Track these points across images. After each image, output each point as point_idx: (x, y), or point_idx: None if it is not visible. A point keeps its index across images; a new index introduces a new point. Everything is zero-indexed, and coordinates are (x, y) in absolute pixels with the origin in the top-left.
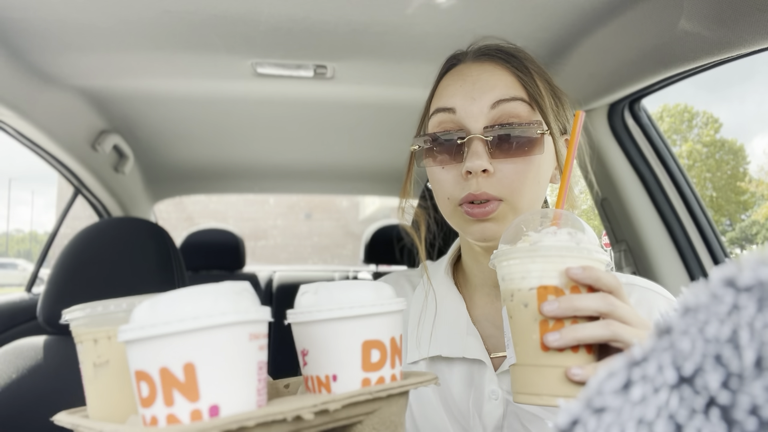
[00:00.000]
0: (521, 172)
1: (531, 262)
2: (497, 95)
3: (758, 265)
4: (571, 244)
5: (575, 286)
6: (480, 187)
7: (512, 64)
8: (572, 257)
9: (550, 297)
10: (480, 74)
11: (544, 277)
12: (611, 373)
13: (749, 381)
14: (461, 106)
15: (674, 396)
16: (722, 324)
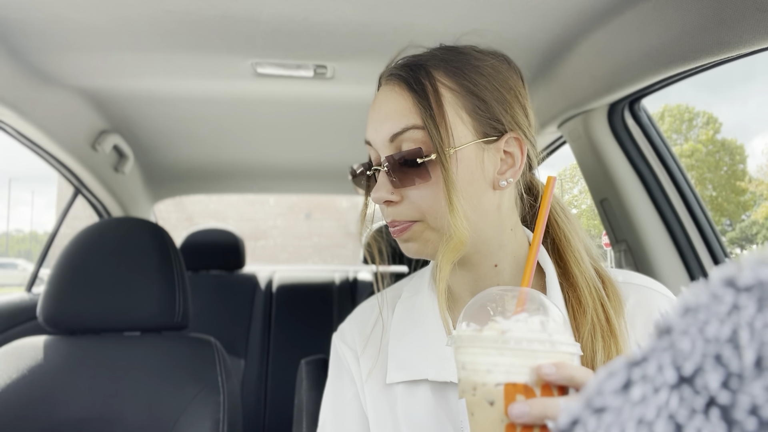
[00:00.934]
0: (426, 196)
1: (499, 354)
2: (391, 128)
3: (758, 265)
4: (544, 337)
5: (546, 384)
6: (389, 215)
7: (410, 81)
8: (544, 352)
9: (519, 397)
10: (382, 102)
11: (513, 373)
12: (611, 373)
13: (749, 381)
14: (372, 139)
15: (674, 396)
16: (722, 324)
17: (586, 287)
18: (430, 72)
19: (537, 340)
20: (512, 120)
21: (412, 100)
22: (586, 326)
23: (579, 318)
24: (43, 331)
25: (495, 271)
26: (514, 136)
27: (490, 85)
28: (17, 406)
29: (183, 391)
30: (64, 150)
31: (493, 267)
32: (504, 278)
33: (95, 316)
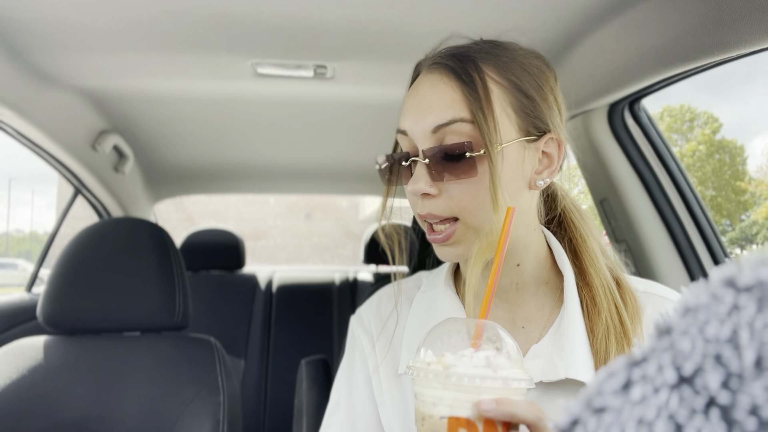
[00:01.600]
0: (467, 191)
1: (443, 388)
2: (436, 119)
3: (758, 265)
4: (487, 372)
5: (489, 420)
6: (425, 208)
7: (460, 73)
8: (486, 388)
9: (461, 430)
10: (426, 90)
11: (456, 408)
12: (611, 373)
13: (749, 381)
14: (410, 129)
15: (674, 396)
16: (722, 324)
17: (600, 287)
18: (478, 65)
19: (479, 377)
20: (552, 120)
21: (461, 91)
22: (601, 327)
23: (593, 318)
24: (43, 331)
25: (517, 271)
26: (554, 137)
27: (535, 83)
28: (17, 406)
29: (183, 392)
30: (64, 150)
31: (516, 266)
32: (524, 278)
33: (95, 316)
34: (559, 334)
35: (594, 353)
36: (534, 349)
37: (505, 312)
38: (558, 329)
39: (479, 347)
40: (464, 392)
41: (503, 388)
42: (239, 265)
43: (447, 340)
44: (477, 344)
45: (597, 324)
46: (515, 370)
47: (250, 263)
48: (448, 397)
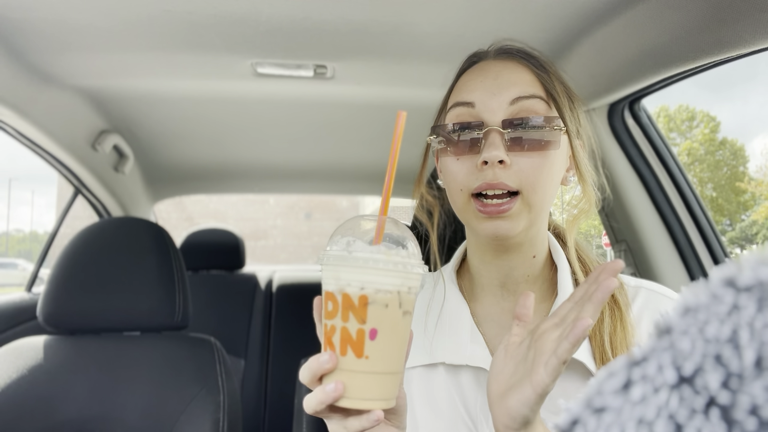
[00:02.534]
0: (537, 166)
1: (322, 269)
2: (517, 92)
3: (758, 265)
4: (343, 254)
5: (346, 294)
6: (497, 177)
7: (532, 63)
8: (344, 266)
9: (328, 303)
10: (501, 71)
11: (328, 284)
12: (611, 373)
13: (749, 381)
14: (481, 101)
15: (674, 396)
16: (722, 324)
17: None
18: (542, 62)
19: (336, 257)
20: (580, 128)
21: (536, 77)
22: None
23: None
24: (43, 331)
25: (532, 262)
26: (581, 142)
27: (575, 93)
28: (17, 406)
29: (183, 391)
30: (64, 150)
31: (532, 258)
32: (534, 270)
33: (95, 316)
34: None
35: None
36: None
37: (511, 304)
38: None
39: (379, 243)
40: (328, 270)
41: (353, 265)
42: (239, 265)
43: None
44: (377, 241)
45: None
46: (366, 252)
47: (250, 263)
48: (324, 276)
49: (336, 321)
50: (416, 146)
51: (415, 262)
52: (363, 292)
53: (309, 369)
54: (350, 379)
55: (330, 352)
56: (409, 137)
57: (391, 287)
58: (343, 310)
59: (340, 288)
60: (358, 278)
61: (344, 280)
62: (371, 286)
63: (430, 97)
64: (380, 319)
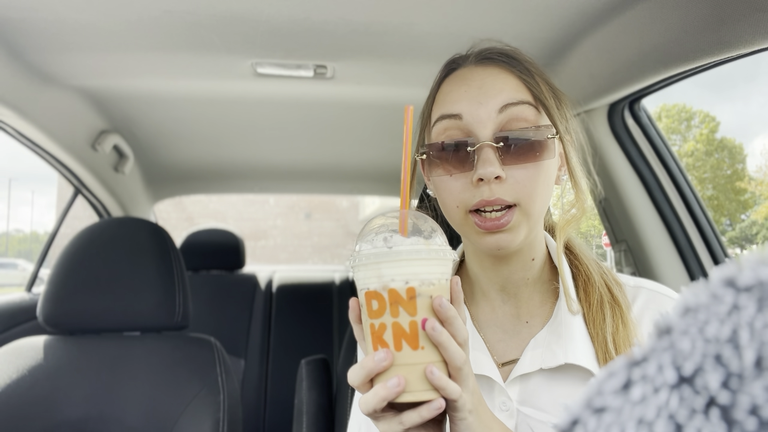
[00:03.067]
0: (533, 176)
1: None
2: (504, 99)
3: (758, 265)
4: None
5: (392, 290)
6: (493, 193)
7: (515, 67)
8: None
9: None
10: (484, 78)
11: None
12: (611, 373)
13: (749, 381)
14: (468, 112)
15: (674, 396)
16: (722, 324)
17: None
18: (525, 63)
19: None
20: (569, 126)
21: (521, 82)
22: (594, 296)
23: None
24: (43, 331)
25: (530, 265)
26: (568, 140)
27: (560, 91)
28: (17, 406)
29: (183, 391)
30: (64, 150)
31: (531, 261)
32: (533, 273)
33: (95, 316)
34: (557, 323)
35: (590, 323)
36: (534, 340)
37: (512, 308)
38: (555, 319)
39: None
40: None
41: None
42: (239, 265)
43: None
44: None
45: (592, 295)
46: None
47: (250, 263)
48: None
49: (385, 318)
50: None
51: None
52: (409, 284)
53: (364, 369)
54: (409, 372)
55: (385, 350)
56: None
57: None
58: (392, 306)
59: (384, 285)
60: (402, 272)
61: (388, 275)
62: (416, 277)
63: None
64: (429, 308)
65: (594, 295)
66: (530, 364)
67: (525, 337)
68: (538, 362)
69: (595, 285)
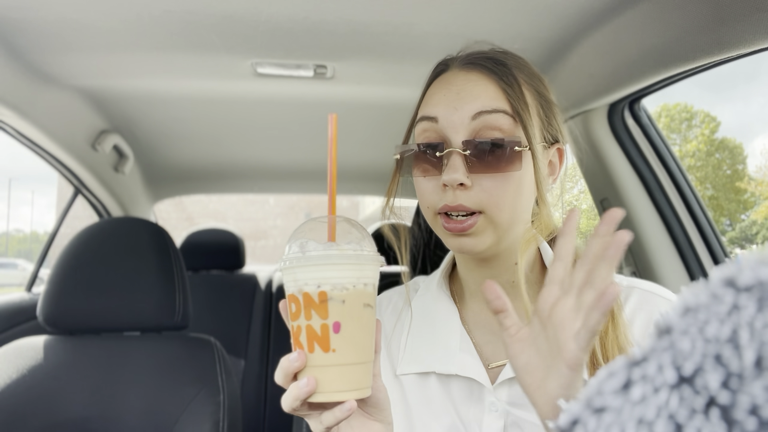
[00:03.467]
0: (500, 186)
1: (282, 273)
2: (479, 106)
3: (758, 265)
4: (297, 255)
5: (306, 293)
6: (456, 199)
7: (498, 74)
8: (300, 267)
9: (291, 305)
10: (464, 83)
11: (288, 287)
12: (611, 373)
13: (749, 381)
14: (443, 116)
15: (674, 396)
16: (722, 324)
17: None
18: (512, 70)
19: (291, 259)
20: (560, 131)
21: (501, 90)
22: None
23: None
24: (43, 331)
25: (514, 269)
26: (559, 147)
27: (551, 97)
28: (17, 406)
29: (183, 391)
30: (64, 150)
31: (514, 265)
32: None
33: (95, 316)
34: None
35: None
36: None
37: None
38: None
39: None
40: (287, 273)
41: (304, 265)
42: (239, 265)
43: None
44: (331, 237)
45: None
46: (320, 250)
47: (250, 263)
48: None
49: (300, 321)
50: None
51: (369, 254)
52: (321, 288)
53: (281, 369)
54: (321, 373)
55: (299, 351)
56: None
57: (346, 281)
58: (305, 308)
59: (299, 288)
60: (314, 276)
61: (302, 280)
62: (328, 281)
63: None
64: (342, 312)
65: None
66: None
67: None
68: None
69: None
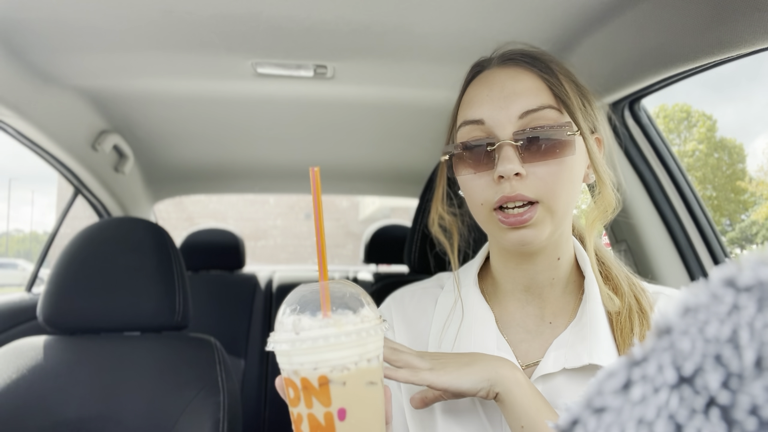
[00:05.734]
0: (555, 173)
1: (277, 355)
2: (525, 105)
3: (758, 265)
4: (291, 337)
5: (304, 378)
6: (514, 189)
7: (538, 67)
8: (295, 350)
9: (289, 389)
10: (506, 80)
11: (284, 370)
12: (611, 373)
13: (749, 381)
14: (489, 116)
15: (674, 396)
16: (722, 324)
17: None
18: (549, 63)
19: (285, 341)
20: (596, 123)
21: (544, 83)
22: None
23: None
24: (43, 331)
25: (556, 265)
26: (598, 137)
27: (586, 89)
28: (17, 406)
29: (183, 391)
30: (64, 150)
31: (557, 260)
32: (559, 273)
33: (95, 316)
34: (581, 325)
35: (618, 330)
36: (557, 341)
37: (536, 308)
38: (580, 321)
39: (328, 316)
40: (282, 356)
41: (343, 343)
42: (239, 265)
43: (305, 309)
44: (327, 314)
45: (621, 303)
46: (316, 330)
47: (250, 263)
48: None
49: (301, 408)
50: (416, 146)
51: (372, 325)
52: (320, 371)
53: None
54: None
55: None
56: (410, 137)
57: (348, 361)
58: (305, 395)
59: (295, 371)
60: (311, 359)
61: (297, 363)
62: (326, 364)
63: (430, 97)
64: (346, 396)
65: (624, 303)
66: (553, 364)
67: (548, 338)
68: (561, 362)
69: (624, 295)
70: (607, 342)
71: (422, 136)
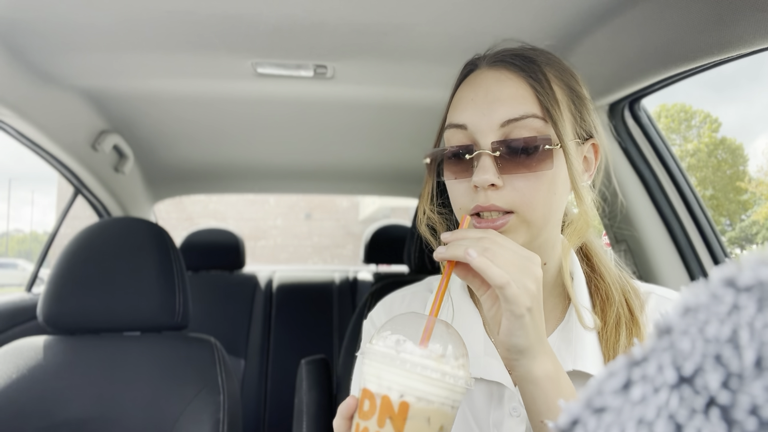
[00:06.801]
0: (532, 186)
1: (364, 363)
2: (507, 113)
3: (758, 265)
4: (390, 353)
5: (385, 397)
6: (488, 200)
7: (527, 72)
8: (388, 366)
9: (365, 401)
10: (492, 84)
11: (368, 381)
12: (611, 373)
13: (749, 381)
14: (471, 122)
15: (674, 396)
16: (722, 324)
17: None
18: (542, 67)
19: (382, 354)
20: (594, 126)
21: (531, 88)
22: (612, 316)
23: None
24: (43, 331)
25: (543, 269)
26: (595, 142)
27: (583, 92)
28: (17, 406)
29: (183, 391)
30: (64, 150)
31: (543, 265)
32: (548, 278)
33: (95, 316)
34: (567, 329)
35: (603, 341)
36: None
37: None
38: (566, 326)
39: (426, 347)
40: (372, 368)
41: (399, 368)
42: (239, 265)
43: (402, 329)
44: (425, 344)
45: (609, 314)
46: (417, 356)
47: (250, 263)
48: (364, 371)
49: (370, 423)
50: (416, 146)
51: (463, 375)
52: (404, 398)
53: None
54: None
55: None
56: (410, 137)
57: (434, 397)
58: (380, 414)
59: (380, 389)
60: (401, 382)
61: (386, 381)
62: (413, 393)
63: (430, 97)
64: (417, 429)
65: (611, 314)
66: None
67: None
68: None
69: (614, 304)
70: (593, 349)
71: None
